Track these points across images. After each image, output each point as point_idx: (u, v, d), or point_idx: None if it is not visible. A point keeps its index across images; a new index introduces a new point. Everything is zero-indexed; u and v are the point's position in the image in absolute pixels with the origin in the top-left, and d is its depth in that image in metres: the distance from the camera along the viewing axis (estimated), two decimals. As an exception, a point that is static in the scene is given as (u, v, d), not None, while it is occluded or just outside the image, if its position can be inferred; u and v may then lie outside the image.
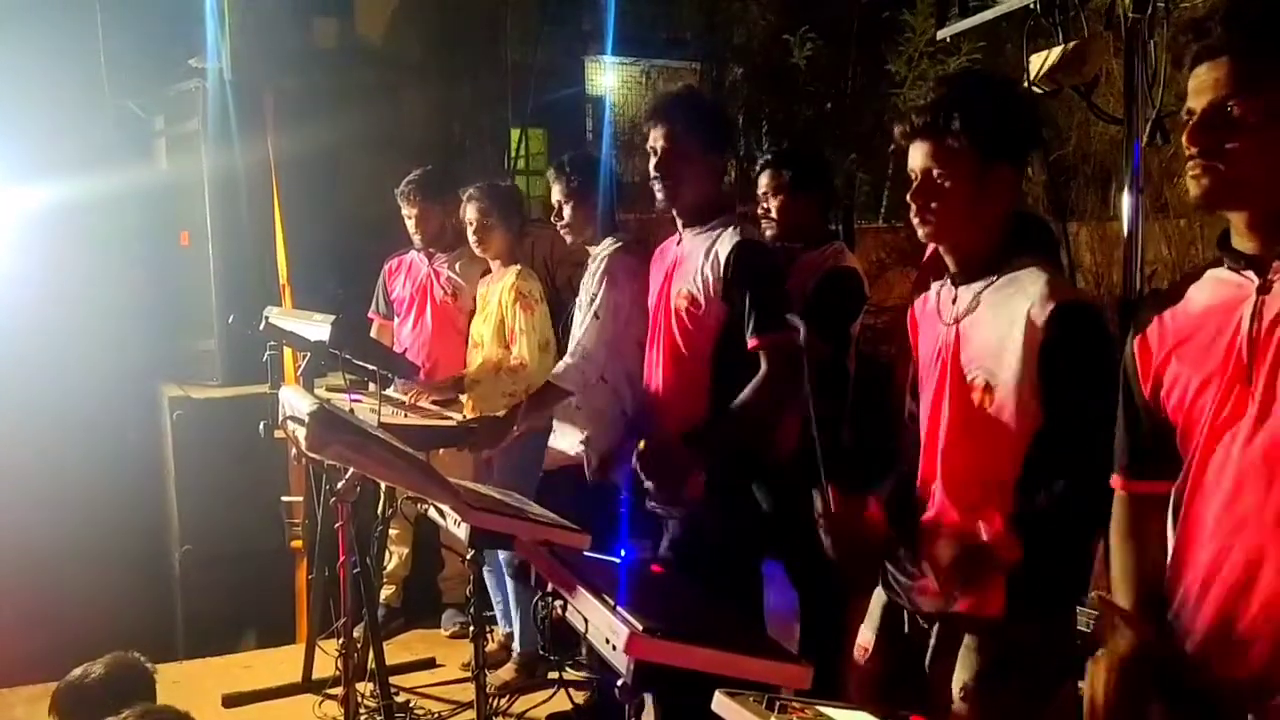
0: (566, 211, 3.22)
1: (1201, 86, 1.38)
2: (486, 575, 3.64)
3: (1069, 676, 1.85)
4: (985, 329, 1.88)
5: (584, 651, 3.48)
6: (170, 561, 4.65)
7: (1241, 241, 1.43)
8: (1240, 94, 1.35)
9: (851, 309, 3.27)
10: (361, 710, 3.16)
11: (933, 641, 1.97)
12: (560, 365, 3.11)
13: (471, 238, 3.83)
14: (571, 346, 3.10)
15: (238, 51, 4.60)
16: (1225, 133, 1.36)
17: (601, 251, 3.15)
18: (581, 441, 3.09)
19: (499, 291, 3.76)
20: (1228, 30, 1.36)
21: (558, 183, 3.22)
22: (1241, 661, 1.40)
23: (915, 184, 1.90)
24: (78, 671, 2.50)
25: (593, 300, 3.05)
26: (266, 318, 3.60)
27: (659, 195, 2.74)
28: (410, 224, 4.16)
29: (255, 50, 4.64)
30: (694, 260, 2.69)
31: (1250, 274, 1.40)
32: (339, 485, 2.75)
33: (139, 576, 4.68)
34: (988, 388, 1.86)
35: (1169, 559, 1.53)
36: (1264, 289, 1.38)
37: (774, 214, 3.28)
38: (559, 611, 1.87)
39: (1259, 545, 1.38)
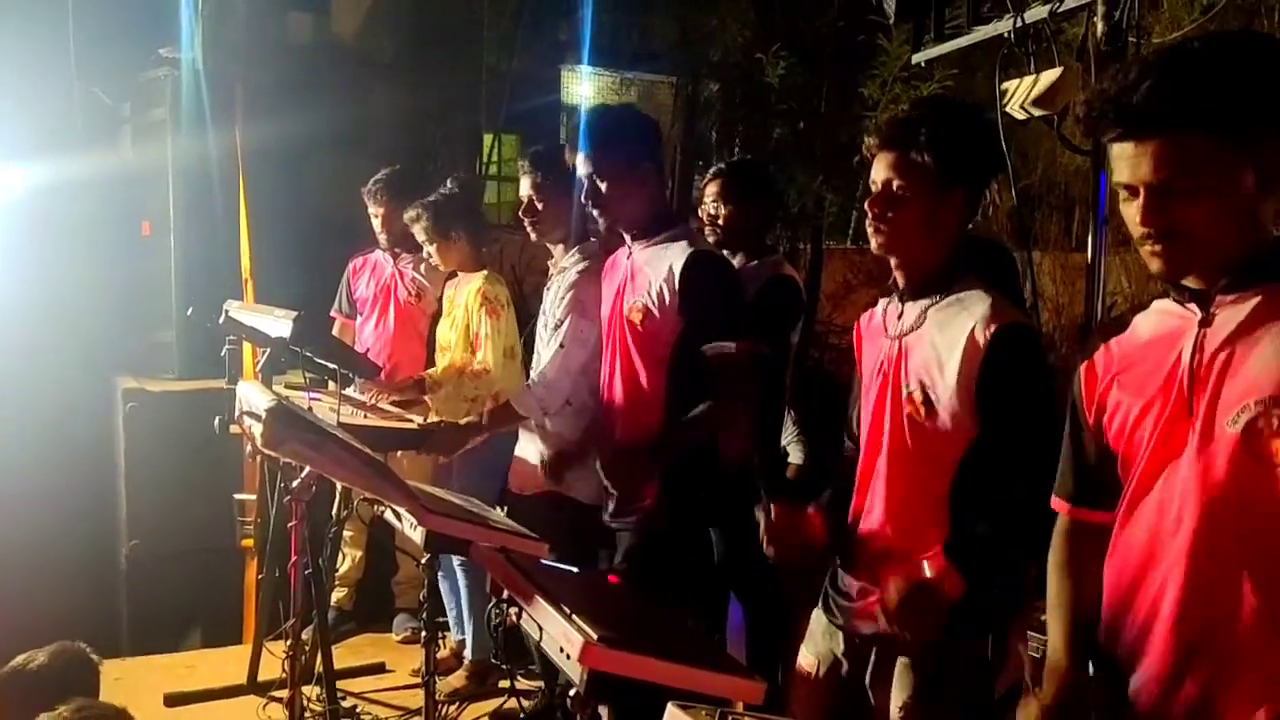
0: (537, 207, 3.10)
1: (1137, 166, 1.36)
2: (441, 581, 3.60)
3: (1009, 694, 1.88)
4: (929, 345, 1.93)
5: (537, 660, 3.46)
6: (117, 556, 4.56)
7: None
8: (1182, 173, 1.34)
9: (791, 317, 3.30)
10: (307, 714, 3.11)
11: (871, 661, 2.00)
12: (522, 392, 3.06)
13: (428, 251, 3.81)
14: (535, 373, 3.04)
15: (209, 42, 4.57)
16: (1175, 210, 1.35)
17: (569, 268, 3.07)
18: (541, 456, 3.06)
19: (466, 296, 3.73)
20: (1159, 113, 1.33)
21: (528, 176, 3.11)
22: (1172, 698, 1.42)
23: (874, 194, 1.95)
24: (21, 659, 2.46)
25: (558, 326, 2.99)
26: (227, 312, 3.55)
27: (599, 221, 2.73)
28: (376, 223, 4.13)
29: (227, 42, 4.61)
30: (646, 273, 2.67)
31: (1194, 307, 1.42)
32: (294, 484, 2.71)
33: (84, 570, 4.59)
34: (927, 402, 1.91)
35: (1104, 588, 1.55)
36: (1206, 322, 1.40)
37: (720, 222, 3.31)
38: (513, 619, 1.85)
39: (1178, 575, 1.40)
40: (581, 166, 2.71)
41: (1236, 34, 1.51)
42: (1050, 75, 2.92)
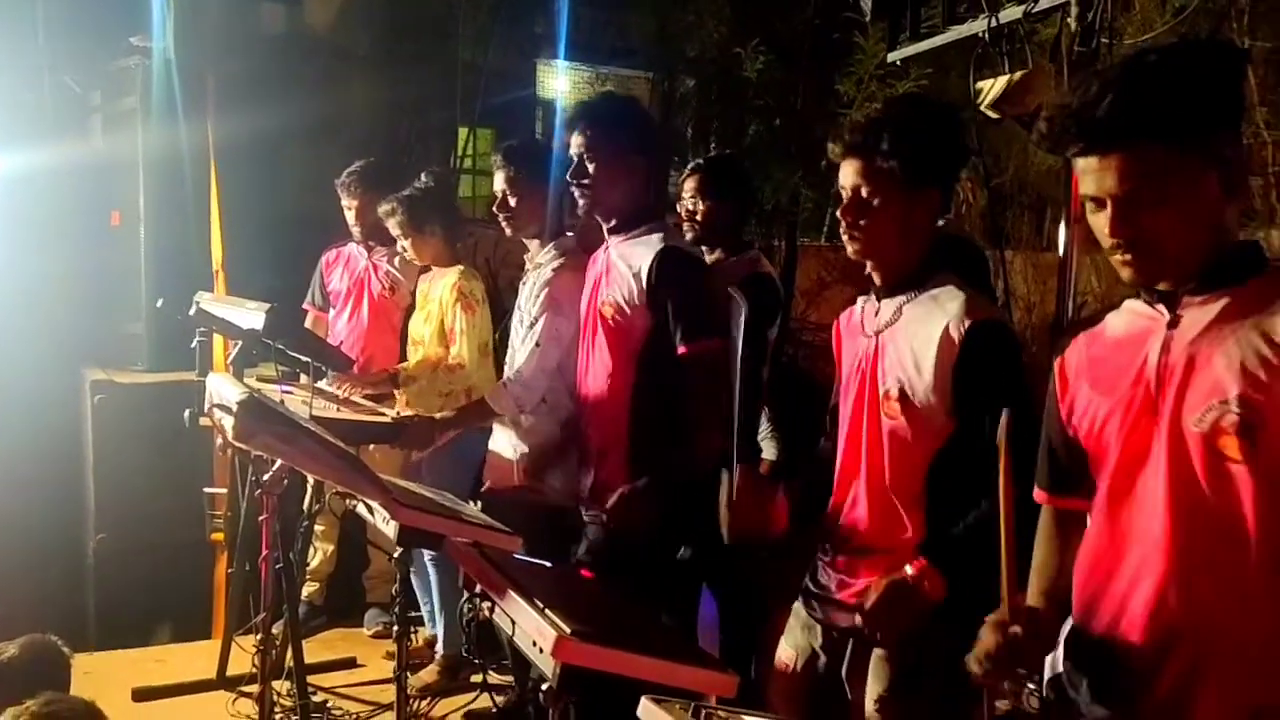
0: (511, 202, 3.07)
1: (1103, 180, 1.38)
2: (413, 576, 3.59)
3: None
4: (904, 341, 1.95)
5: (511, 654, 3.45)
6: (84, 549, 4.51)
7: None
8: (1147, 184, 1.36)
9: (769, 313, 3.30)
10: (277, 709, 3.09)
11: (848, 654, 2.03)
12: (497, 388, 3.06)
13: (402, 246, 3.79)
14: (510, 370, 3.03)
15: (181, 32, 4.51)
16: (1141, 220, 1.38)
17: (545, 264, 3.07)
18: (516, 449, 3.05)
19: (441, 290, 3.72)
20: (1121, 127, 1.35)
21: (502, 170, 3.09)
22: (1146, 692, 1.44)
23: (845, 201, 1.96)
24: None
25: (534, 323, 2.98)
26: (198, 303, 3.52)
27: (580, 201, 2.72)
28: (350, 216, 4.11)
29: (199, 32, 4.55)
30: (620, 268, 2.67)
31: (1162, 308, 1.44)
32: (265, 477, 2.69)
33: (52, 563, 4.53)
34: (903, 398, 1.93)
35: (1074, 585, 1.56)
36: (1173, 324, 1.43)
37: (698, 217, 3.31)
38: (485, 613, 1.85)
39: (1148, 573, 1.42)
40: (574, 145, 2.69)
41: (1192, 43, 1.53)
42: (1022, 75, 2.94)
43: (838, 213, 1.98)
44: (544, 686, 1.62)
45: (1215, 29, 4.48)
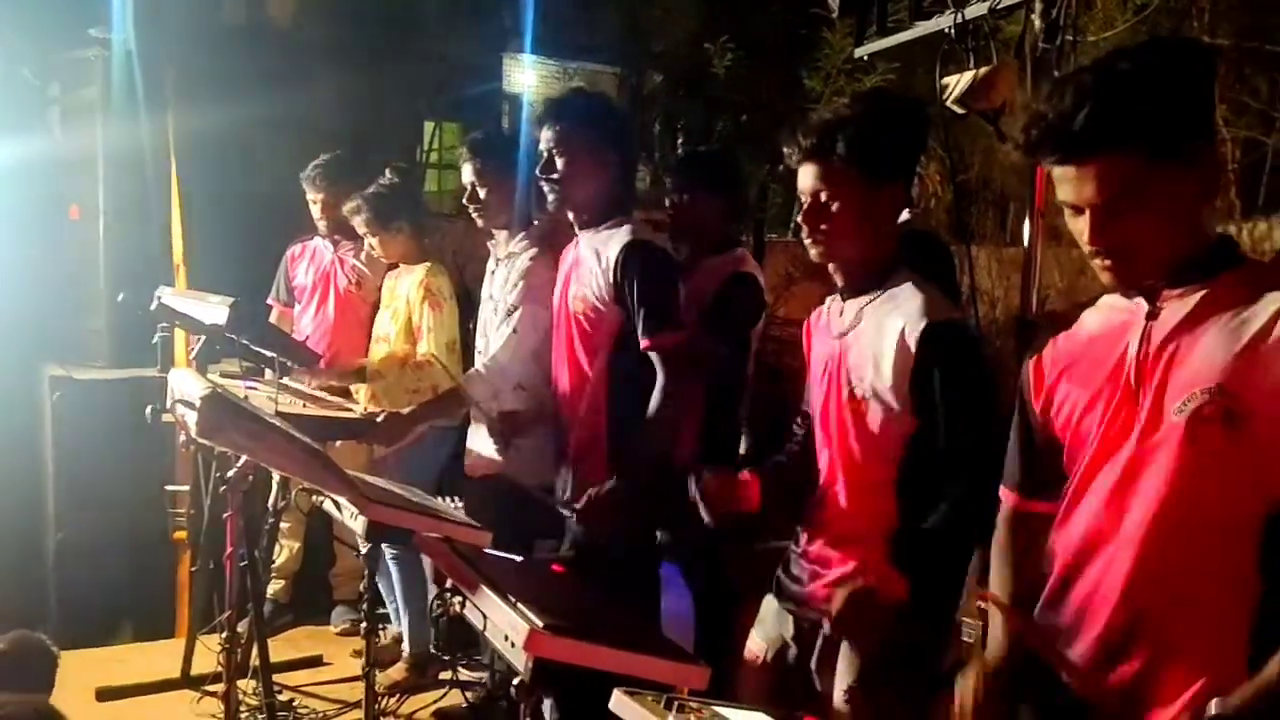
0: (480, 194, 3.07)
1: (1081, 189, 1.40)
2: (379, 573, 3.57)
3: (951, 677, 1.92)
4: (866, 344, 1.96)
5: (485, 651, 3.44)
6: (44, 548, 4.44)
7: None
8: (1125, 192, 1.38)
9: (752, 314, 3.29)
10: (242, 709, 3.06)
11: (818, 644, 2.04)
12: (471, 374, 3.04)
13: (370, 243, 3.75)
14: (485, 359, 3.01)
15: (141, 23, 4.45)
16: (1121, 228, 1.40)
17: (519, 253, 3.05)
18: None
19: (408, 287, 3.69)
20: (1098, 138, 1.37)
21: (469, 163, 3.07)
22: (1108, 678, 1.46)
23: (805, 206, 1.97)
24: None
25: (510, 312, 2.97)
26: (159, 298, 3.47)
27: (549, 197, 2.70)
28: (315, 209, 4.07)
29: (159, 23, 4.49)
30: (589, 263, 2.66)
31: (1141, 300, 1.46)
32: (230, 474, 2.66)
33: (11, 563, 4.44)
34: (868, 399, 1.94)
35: (1049, 573, 1.58)
36: (1153, 315, 1.45)
37: (679, 212, 3.29)
38: (457, 608, 1.84)
39: (1123, 558, 1.44)
40: (544, 140, 2.67)
41: (1163, 45, 1.55)
42: (988, 71, 2.96)
43: (798, 218, 1.98)
44: (516, 681, 1.61)
45: (1176, 27, 4.54)
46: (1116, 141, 1.36)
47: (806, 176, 1.95)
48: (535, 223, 3.11)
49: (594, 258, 2.65)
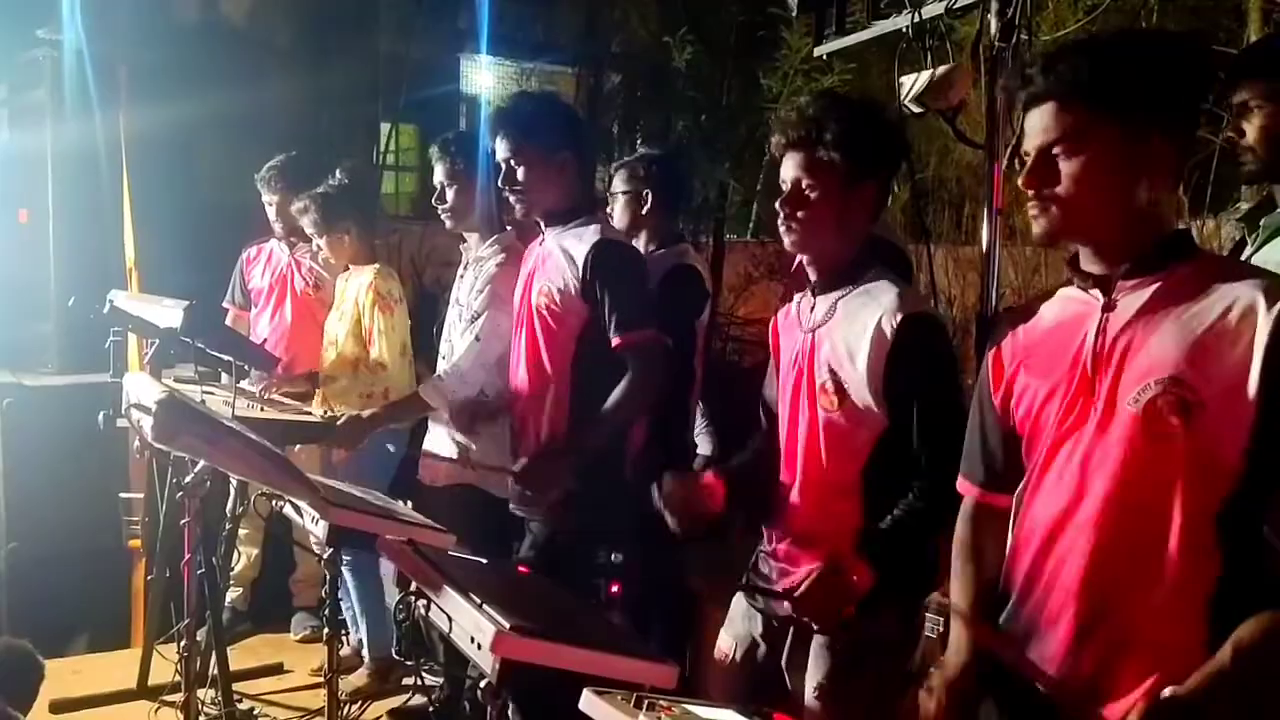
0: (450, 195, 3.06)
1: (1032, 131, 1.47)
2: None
3: (919, 673, 1.93)
4: (839, 336, 1.98)
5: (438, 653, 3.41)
6: (-6, 559, 4.35)
7: (1090, 264, 1.52)
8: (1064, 140, 1.44)
9: (694, 305, 3.30)
10: (201, 718, 3.01)
11: (788, 642, 2.05)
12: (431, 382, 3.02)
13: (317, 244, 3.71)
14: (447, 365, 3.00)
15: (91, 21, 4.37)
16: (1053, 176, 1.45)
17: (487, 259, 3.04)
18: (455, 442, 3.02)
19: (356, 290, 3.65)
20: (1046, 80, 1.45)
21: (441, 163, 3.06)
22: (1070, 669, 1.48)
23: (785, 193, 1.98)
24: None
25: (475, 318, 2.97)
26: (111, 301, 3.41)
27: (516, 206, 2.71)
28: (270, 211, 4.02)
29: (110, 21, 4.42)
30: (555, 259, 2.66)
31: (1097, 293, 1.49)
32: (186, 480, 2.61)
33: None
34: (839, 392, 1.96)
35: (1004, 563, 1.60)
36: (1109, 307, 1.47)
37: (631, 208, 3.29)
38: (421, 611, 1.82)
39: (1081, 546, 1.46)
40: (500, 150, 2.68)
41: (1171, 34, 1.63)
42: (945, 70, 2.99)
43: (777, 204, 2.00)
44: (483, 683, 1.60)
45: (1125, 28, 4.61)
46: (1080, 91, 1.42)
47: (790, 165, 1.97)
48: (508, 229, 3.10)
49: (562, 254, 2.65)
